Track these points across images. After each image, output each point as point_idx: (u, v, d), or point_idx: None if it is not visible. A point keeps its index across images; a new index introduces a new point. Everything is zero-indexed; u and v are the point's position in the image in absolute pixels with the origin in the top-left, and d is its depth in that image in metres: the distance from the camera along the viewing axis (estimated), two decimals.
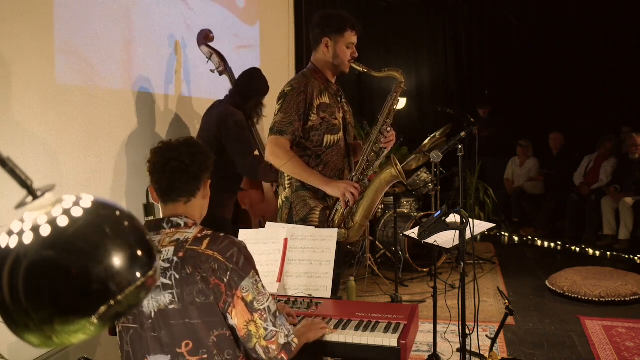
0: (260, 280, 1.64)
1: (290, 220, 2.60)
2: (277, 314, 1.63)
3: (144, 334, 1.61)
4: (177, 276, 1.57)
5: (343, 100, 2.77)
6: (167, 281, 1.58)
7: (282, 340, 1.61)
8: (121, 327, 1.67)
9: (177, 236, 1.62)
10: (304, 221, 2.55)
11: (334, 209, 2.59)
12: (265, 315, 1.59)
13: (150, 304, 1.59)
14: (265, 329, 1.59)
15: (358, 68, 2.68)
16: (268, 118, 3.75)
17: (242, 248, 1.63)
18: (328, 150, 2.61)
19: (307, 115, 2.57)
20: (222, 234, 1.64)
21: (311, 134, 2.58)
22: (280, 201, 2.69)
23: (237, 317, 1.58)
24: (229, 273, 1.57)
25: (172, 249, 1.59)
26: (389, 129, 2.67)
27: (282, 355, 1.60)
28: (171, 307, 1.58)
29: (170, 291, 1.58)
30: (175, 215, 1.67)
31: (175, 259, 1.58)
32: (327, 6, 6.79)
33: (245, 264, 1.60)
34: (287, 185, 2.63)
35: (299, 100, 2.54)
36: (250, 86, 3.52)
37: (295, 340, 1.65)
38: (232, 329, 1.61)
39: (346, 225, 2.58)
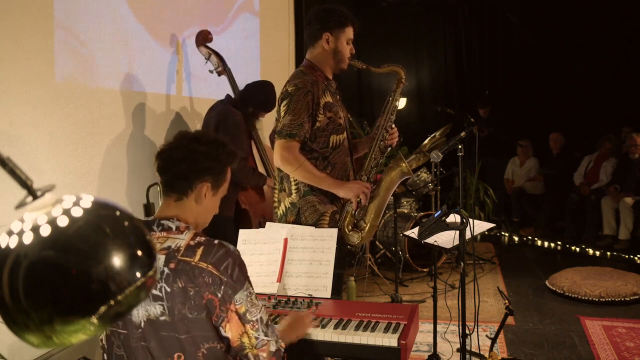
0: (254, 291, 1.60)
1: None
2: (269, 323, 1.61)
3: (133, 343, 1.56)
4: (168, 289, 1.51)
5: (340, 98, 2.71)
6: (157, 292, 1.51)
7: (273, 348, 1.59)
8: (109, 330, 1.61)
9: (168, 243, 1.55)
10: (315, 227, 2.45)
11: (344, 211, 2.52)
12: (257, 326, 1.57)
13: (140, 313, 1.53)
14: (257, 338, 1.57)
15: (358, 65, 2.62)
16: (263, 130, 3.78)
17: (237, 257, 1.57)
18: (334, 151, 2.52)
19: (315, 116, 2.46)
20: (216, 242, 1.57)
21: (318, 134, 2.48)
22: (282, 207, 2.57)
23: (231, 331, 1.55)
24: (222, 287, 1.51)
25: (162, 257, 1.52)
26: (392, 125, 2.64)
27: None
28: (162, 318, 1.53)
29: (160, 303, 1.52)
30: (166, 217, 1.59)
31: (166, 270, 1.51)
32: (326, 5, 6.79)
33: (239, 276, 1.55)
34: (293, 191, 2.51)
35: (307, 100, 2.42)
36: (257, 96, 3.52)
37: (283, 345, 1.64)
38: (223, 340, 1.58)
39: (358, 227, 2.52)
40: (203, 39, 3.67)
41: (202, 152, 1.60)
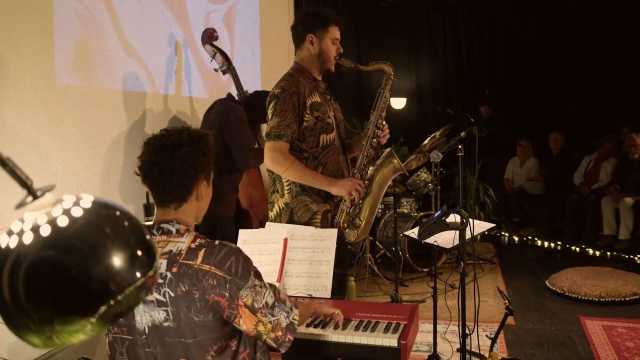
0: (259, 281, 1.58)
1: None
2: (276, 303, 1.60)
3: (138, 349, 1.55)
4: (172, 294, 1.50)
5: (331, 98, 2.72)
6: (160, 298, 1.50)
7: (284, 324, 1.60)
8: (112, 337, 1.60)
9: (169, 247, 1.54)
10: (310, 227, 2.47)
11: (339, 209, 2.54)
12: (264, 311, 1.57)
13: (144, 319, 1.53)
14: (270, 322, 1.58)
15: (346, 64, 2.65)
16: None
17: (239, 254, 1.56)
18: (324, 151, 2.55)
19: (302, 116, 2.49)
20: (216, 242, 1.56)
21: (306, 134, 2.51)
22: (276, 208, 2.58)
23: (245, 324, 1.55)
24: (228, 285, 1.51)
25: (164, 262, 1.51)
26: (383, 122, 2.66)
27: (288, 336, 1.60)
28: (166, 324, 1.52)
29: (164, 308, 1.51)
30: (165, 221, 1.58)
31: (169, 274, 1.50)
32: (326, 5, 6.79)
33: (243, 272, 1.54)
34: (286, 192, 2.54)
35: (292, 101, 2.46)
36: (261, 104, 3.51)
37: (296, 317, 1.63)
38: (232, 338, 1.59)
39: (354, 224, 2.54)
40: (209, 37, 3.67)
41: (189, 154, 1.57)
